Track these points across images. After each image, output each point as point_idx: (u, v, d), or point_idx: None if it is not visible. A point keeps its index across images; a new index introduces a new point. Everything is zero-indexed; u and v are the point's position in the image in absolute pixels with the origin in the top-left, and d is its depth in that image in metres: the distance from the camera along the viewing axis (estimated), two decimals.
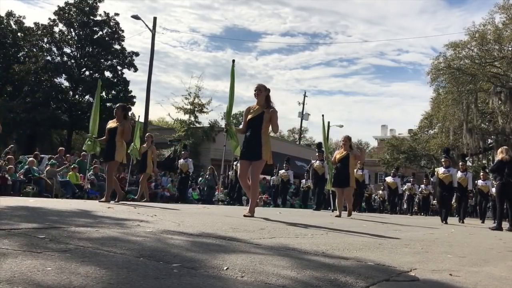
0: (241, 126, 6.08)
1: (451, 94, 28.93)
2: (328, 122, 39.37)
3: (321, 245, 3.19)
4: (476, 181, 15.31)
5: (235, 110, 37.28)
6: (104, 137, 7.59)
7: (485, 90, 28.13)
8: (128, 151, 10.96)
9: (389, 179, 18.66)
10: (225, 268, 2.02)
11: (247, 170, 5.72)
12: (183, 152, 14.78)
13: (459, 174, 11.44)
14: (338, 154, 8.77)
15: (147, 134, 11.16)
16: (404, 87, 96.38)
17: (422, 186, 19.86)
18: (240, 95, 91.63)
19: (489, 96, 27.78)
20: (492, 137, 30.23)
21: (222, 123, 45.66)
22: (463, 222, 11.70)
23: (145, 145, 10.58)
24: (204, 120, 31.75)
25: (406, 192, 20.15)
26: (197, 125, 25.62)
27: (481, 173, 14.97)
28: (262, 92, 5.70)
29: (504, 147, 9.00)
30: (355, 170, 14.38)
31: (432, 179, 11.69)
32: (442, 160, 11.08)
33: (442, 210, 10.82)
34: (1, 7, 40.08)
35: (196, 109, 25.42)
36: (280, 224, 4.93)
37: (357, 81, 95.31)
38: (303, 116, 40.02)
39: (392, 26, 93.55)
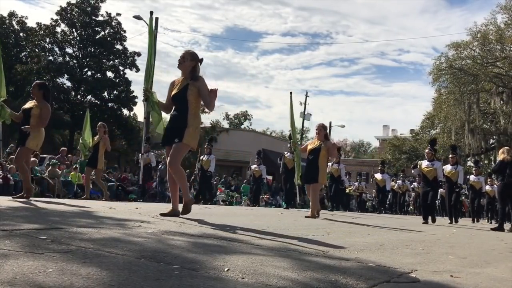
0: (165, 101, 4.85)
1: (453, 94, 28.91)
2: (330, 122, 39.55)
3: (322, 246, 3.19)
4: (467, 177, 14.57)
5: None
6: (18, 113, 6.39)
7: (487, 90, 28.13)
8: (78, 147, 9.99)
9: (377, 175, 16.57)
10: (225, 269, 2.03)
11: None
12: (144, 145, 13.02)
13: (448, 167, 10.46)
14: (310, 145, 7.54)
15: (99, 124, 9.33)
16: (406, 87, 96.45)
17: (415, 183, 18.44)
18: (241, 95, 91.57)
19: (491, 96, 27.77)
20: (494, 137, 30.19)
21: (224, 123, 45.77)
22: (456, 222, 10.67)
23: (97, 136, 9.16)
24: (206, 120, 31.75)
25: (397, 190, 18.47)
26: None
27: (474, 168, 14.10)
28: (188, 61, 4.47)
29: (506, 147, 8.94)
30: (330, 164, 12.74)
31: (413, 172, 10.23)
32: (426, 151, 9.63)
33: (425, 209, 9.48)
34: (3, 7, 40.38)
35: None
36: (281, 225, 4.93)
37: (358, 81, 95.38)
38: (305, 116, 39.99)
39: (393, 26, 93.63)
